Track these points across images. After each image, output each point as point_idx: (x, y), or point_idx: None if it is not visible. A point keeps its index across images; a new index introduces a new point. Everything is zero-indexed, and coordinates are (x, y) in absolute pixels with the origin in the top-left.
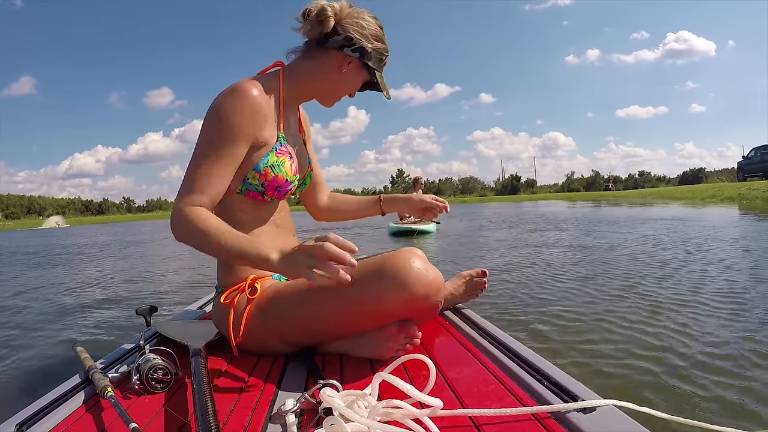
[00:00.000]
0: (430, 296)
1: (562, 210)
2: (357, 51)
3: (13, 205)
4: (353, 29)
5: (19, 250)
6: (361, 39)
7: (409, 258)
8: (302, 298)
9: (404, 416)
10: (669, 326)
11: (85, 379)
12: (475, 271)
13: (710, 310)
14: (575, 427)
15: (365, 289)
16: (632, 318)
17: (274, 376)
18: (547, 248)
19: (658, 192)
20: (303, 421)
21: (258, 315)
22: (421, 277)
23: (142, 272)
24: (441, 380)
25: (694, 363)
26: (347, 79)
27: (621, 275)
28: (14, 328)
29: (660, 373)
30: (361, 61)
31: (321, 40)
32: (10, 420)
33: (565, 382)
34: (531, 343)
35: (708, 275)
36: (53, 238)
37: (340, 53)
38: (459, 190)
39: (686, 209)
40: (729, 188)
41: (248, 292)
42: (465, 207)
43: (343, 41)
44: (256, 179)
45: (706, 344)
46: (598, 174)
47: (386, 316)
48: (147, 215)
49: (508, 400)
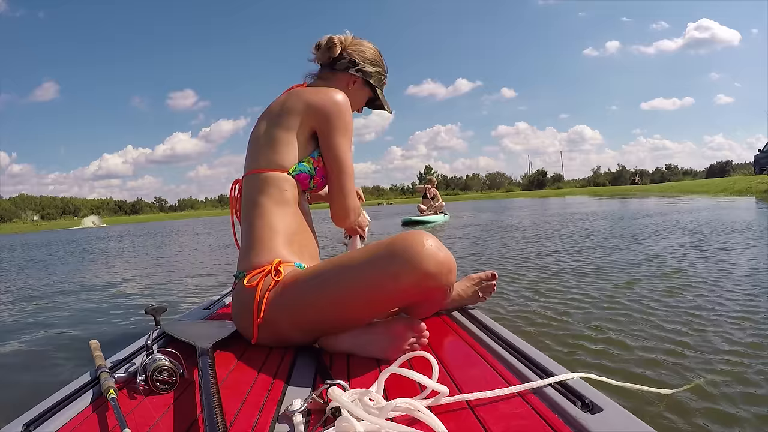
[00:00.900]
0: (442, 275)
1: (576, 210)
2: (359, 71)
3: (48, 206)
4: (356, 54)
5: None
6: (362, 62)
7: (422, 237)
8: (320, 281)
9: (410, 408)
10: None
11: (94, 378)
12: (485, 273)
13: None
14: (551, 400)
15: (379, 268)
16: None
17: (282, 376)
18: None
19: (678, 186)
20: (310, 421)
21: (276, 301)
22: (434, 254)
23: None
24: (444, 374)
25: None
26: (354, 95)
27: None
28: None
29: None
30: (364, 80)
31: (331, 64)
32: (18, 420)
33: (543, 362)
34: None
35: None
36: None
37: (346, 74)
38: (486, 185)
39: (690, 202)
40: (741, 181)
41: (273, 274)
42: (491, 203)
43: (348, 63)
44: (310, 163)
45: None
46: (624, 168)
47: (400, 297)
48: (180, 214)
49: (498, 383)
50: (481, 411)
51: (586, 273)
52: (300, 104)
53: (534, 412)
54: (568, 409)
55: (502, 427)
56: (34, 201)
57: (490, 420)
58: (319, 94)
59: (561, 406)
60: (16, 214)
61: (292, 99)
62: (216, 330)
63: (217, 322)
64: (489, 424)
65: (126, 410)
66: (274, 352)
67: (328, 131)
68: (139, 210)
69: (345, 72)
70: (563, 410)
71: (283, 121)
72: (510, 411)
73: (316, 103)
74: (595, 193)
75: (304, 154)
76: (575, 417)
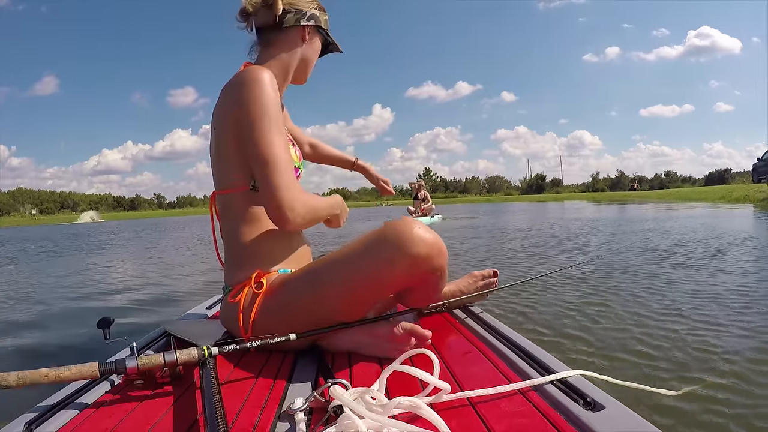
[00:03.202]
0: (433, 257)
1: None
2: (311, 18)
3: (47, 200)
4: (299, 2)
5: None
6: (308, 7)
7: (410, 222)
8: (311, 278)
9: (412, 405)
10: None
11: (95, 377)
12: (486, 271)
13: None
14: (553, 398)
15: (373, 255)
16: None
17: (283, 374)
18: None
19: (676, 193)
20: (312, 419)
21: (267, 309)
22: (423, 236)
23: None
24: (446, 371)
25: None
26: (311, 47)
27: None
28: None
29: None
30: (316, 26)
31: (276, 24)
32: (19, 419)
33: (544, 359)
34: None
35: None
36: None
37: (298, 27)
38: (485, 189)
39: (684, 210)
40: (739, 189)
41: (254, 287)
42: (489, 206)
43: (297, 14)
44: None
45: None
46: (623, 174)
47: (392, 283)
48: (178, 211)
49: (500, 380)
50: (483, 408)
51: (592, 274)
52: (223, 104)
53: (536, 410)
54: (570, 407)
55: (505, 425)
56: (33, 195)
57: (492, 418)
58: (229, 84)
59: (563, 403)
60: (15, 208)
61: (219, 100)
62: (218, 329)
63: (217, 322)
64: (491, 422)
65: (127, 410)
66: (275, 351)
67: (241, 121)
68: (138, 206)
69: (296, 26)
70: (565, 408)
71: (216, 136)
72: (512, 409)
73: (228, 96)
74: (594, 199)
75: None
76: (577, 415)
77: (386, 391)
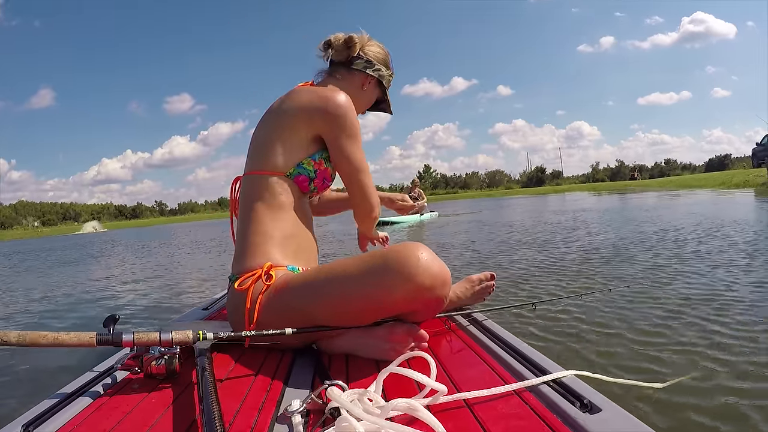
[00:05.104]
0: (436, 288)
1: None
2: (377, 71)
3: (48, 212)
4: (372, 54)
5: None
6: (378, 63)
7: (417, 249)
8: (311, 289)
9: (409, 407)
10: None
11: (93, 378)
12: (483, 274)
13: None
14: (549, 399)
15: (373, 280)
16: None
17: (281, 376)
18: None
19: (676, 181)
20: (309, 421)
21: (269, 304)
22: (428, 267)
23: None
24: (442, 374)
25: None
26: (366, 96)
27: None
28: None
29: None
30: (378, 81)
31: (346, 63)
32: (17, 421)
33: (539, 360)
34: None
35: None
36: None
37: (363, 74)
38: (486, 183)
39: (680, 197)
40: (739, 175)
41: (264, 278)
42: (488, 201)
43: (366, 63)
44: (311, 165)
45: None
46: (623, 163)
47: (392, 308)
48: (180, 218)
49: (495, 381)
50: (480, 410)
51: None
52: (300, 104)
53: (532, 412)
54: (566, 409)
55: (501, 427)
56: (35, 207)
57: (488, 419)
58: (321, 96)
59: (559, 406)
60: (17, 221)
61: (293, 98)
62: (214, 330)
63: (215, 323)
64: (488, 424)
65: (125, 411)
66: (272, 352)
67: (336, 137)
68: (140, 214)
69: (362, 72)
70: (562, 410)
71: (281, 121)
72: (508, 410)
73: (318, 105)
74: (594, 189)
75: (305, 155)
76: (574, 417)
77: (383, 393)
